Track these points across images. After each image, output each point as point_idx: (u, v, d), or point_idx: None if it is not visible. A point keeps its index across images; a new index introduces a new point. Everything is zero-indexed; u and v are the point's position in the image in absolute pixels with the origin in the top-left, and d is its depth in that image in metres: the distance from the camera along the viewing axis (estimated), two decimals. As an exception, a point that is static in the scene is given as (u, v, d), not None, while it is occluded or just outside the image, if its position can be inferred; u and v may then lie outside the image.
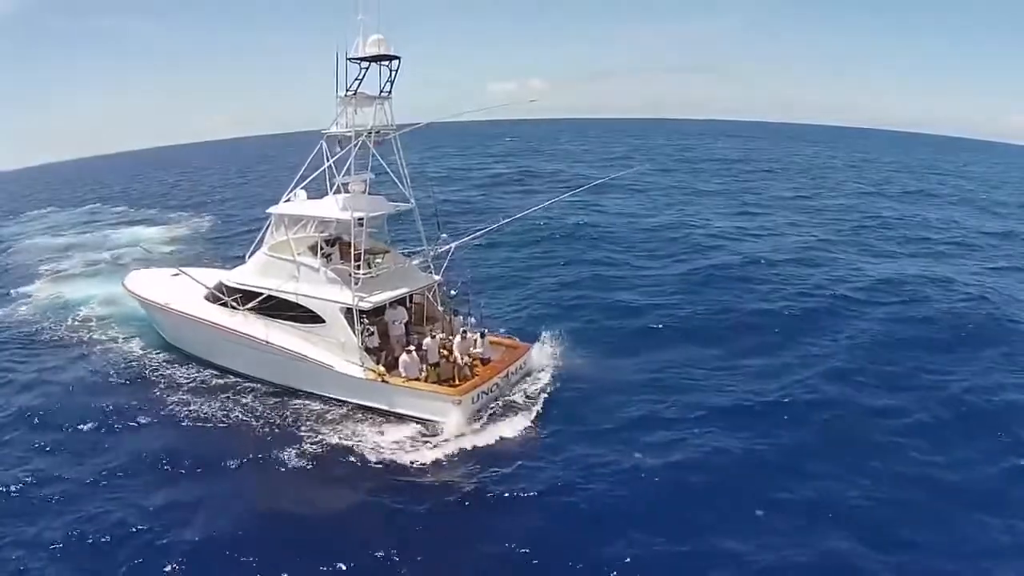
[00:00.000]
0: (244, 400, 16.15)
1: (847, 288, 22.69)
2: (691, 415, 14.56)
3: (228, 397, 16.27)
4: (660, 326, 19.69)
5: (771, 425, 14.10)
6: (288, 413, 15.42)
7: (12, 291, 26.49)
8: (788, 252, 27.66)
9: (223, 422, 15.25)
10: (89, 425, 15.33)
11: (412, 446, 13.89)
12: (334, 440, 14.19)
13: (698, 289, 22.99)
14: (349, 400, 15.63)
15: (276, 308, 16.38)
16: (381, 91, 15.78)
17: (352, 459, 13.56)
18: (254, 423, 15.13)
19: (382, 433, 14.42)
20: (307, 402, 15.82)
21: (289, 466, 13.32)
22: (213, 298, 17.60)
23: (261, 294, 16.50)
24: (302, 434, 14.46)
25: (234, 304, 16.86)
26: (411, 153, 17.01)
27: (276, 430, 14.78)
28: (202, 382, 17.21)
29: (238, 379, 17.10)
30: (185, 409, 15.74)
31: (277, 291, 16.30)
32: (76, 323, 21.97)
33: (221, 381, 17.12)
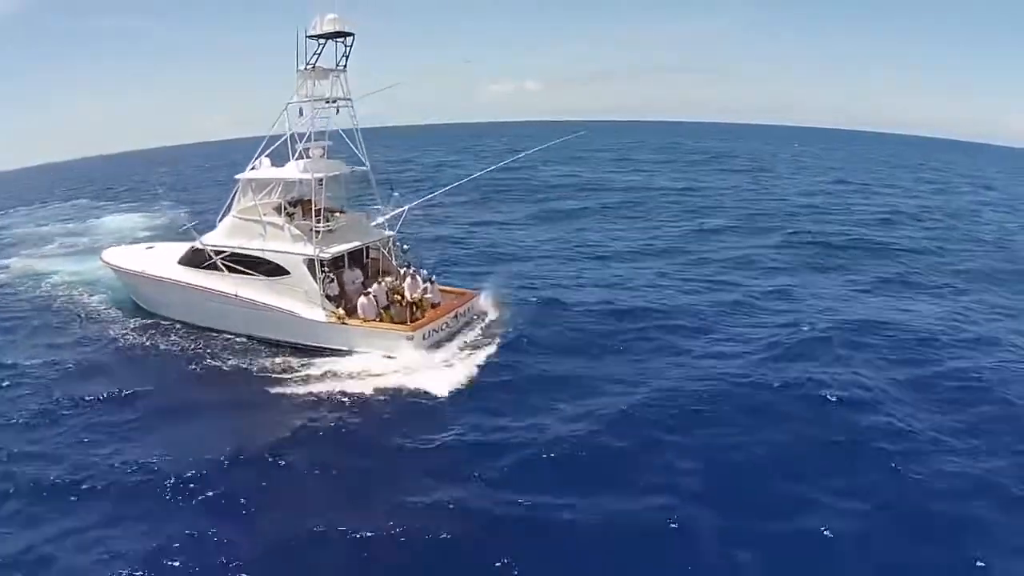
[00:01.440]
0: (188, 339, 18.36)
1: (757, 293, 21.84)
2: (614, 376, 15.25)
3: (177, 338, 18.55)
4: (603, 299, 20.54)
5: (684, 394, 14.24)
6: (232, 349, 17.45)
7: None
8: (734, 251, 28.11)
9: (166, 357, 17.48)
10: (52, 361, 17.35)
11: (358, 380, 15.40)
12: (276, 373, 15.95)
13: (637, 273, 24.12)
14: (313, 343, 17.18)
15: (245, 265, 17.91)
16: (337, 64, 17.47)
17: (288, 391, 15.04)
18: (204, 359, 17.08)
19: (330, 366, 16.05)
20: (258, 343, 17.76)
21: (234, 400, 15.02)
22: (186, 262, 19.16)
23: (232, 253, 18.05)
24: (246, 371, 16.30)
25: (209, 255, 18.25)
26: (399, 152, 18.53)
27: (222, 367, 16.61)
28: (154, 329, 19.34)
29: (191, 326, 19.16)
30: (136, 350, 18.07)
31: (246, 249, 17.88)
32: (47, 287, 24.53)
33: (171, 325, 19.39)
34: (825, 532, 9.83)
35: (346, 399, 14.55)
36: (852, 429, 12.67)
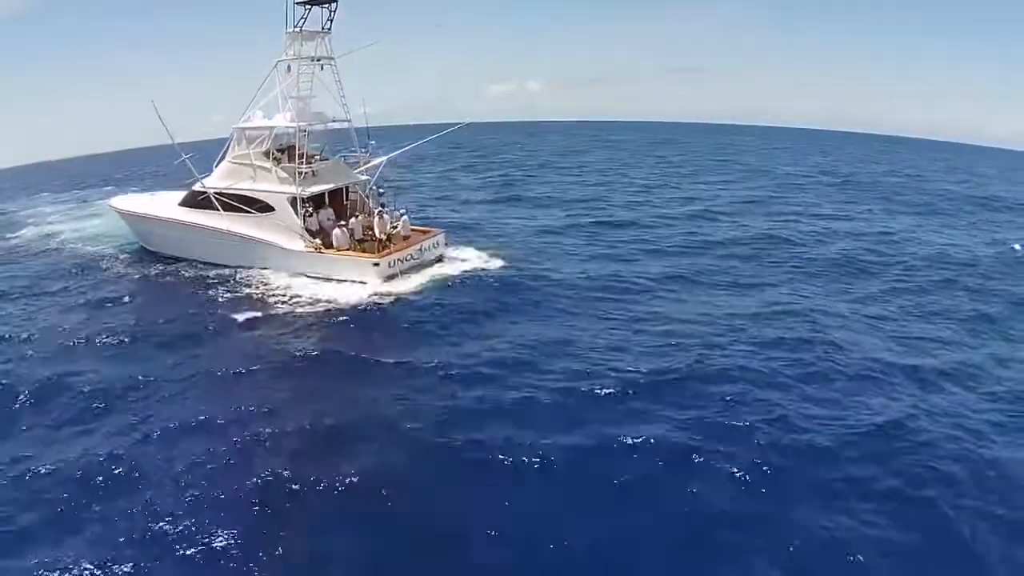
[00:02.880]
0: (175, 272, 20.95)
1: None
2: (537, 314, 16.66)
3: (164, 270, 21.39)
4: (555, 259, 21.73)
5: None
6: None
7: (6, 234, 31.16)
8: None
9: (153, 286, 20.28)
10: (55, 293, 20.09)
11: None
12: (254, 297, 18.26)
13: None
14: (293, 271, 19.46)
15: (237, 203, 20.22)
16: (322, 27, 19.83)
17: (255, 310, 17.19)
18: (186, 287, 19.75)
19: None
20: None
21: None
22: (186, 203, 21.50)
23: (225, 193, 20.35)
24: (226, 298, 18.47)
25: (206, 195, 20.39)
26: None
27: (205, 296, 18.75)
28: (146, 266, 22.11)
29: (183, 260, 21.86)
30: (130, 283, 20.72)
31: (238, 189, 20.19)
32: (55, 243, 27.62)
33: (160, 260, 22.31)
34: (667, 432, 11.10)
35: (312, 318, 16.64)
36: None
